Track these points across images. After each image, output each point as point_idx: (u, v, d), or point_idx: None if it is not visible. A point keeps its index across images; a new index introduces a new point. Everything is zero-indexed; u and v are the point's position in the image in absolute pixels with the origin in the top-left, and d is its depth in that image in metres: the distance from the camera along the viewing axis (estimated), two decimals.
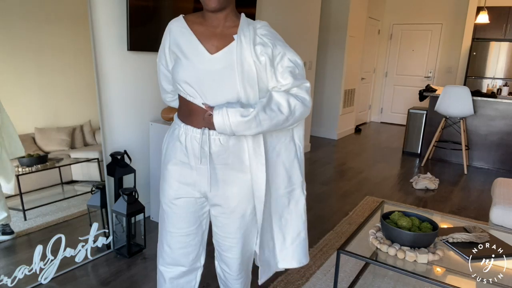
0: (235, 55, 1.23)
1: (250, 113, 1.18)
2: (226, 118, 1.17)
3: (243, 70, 1.22)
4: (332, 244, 2.66)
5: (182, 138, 1.32)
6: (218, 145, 1.29)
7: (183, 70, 1.26)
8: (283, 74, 1.26)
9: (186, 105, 1.31)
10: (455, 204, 3.61)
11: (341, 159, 5.03)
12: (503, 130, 4.73)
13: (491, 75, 6.52)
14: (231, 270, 1.48)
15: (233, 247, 1.43)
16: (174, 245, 1.44)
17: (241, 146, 1.31)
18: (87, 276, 2.18)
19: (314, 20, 4.95)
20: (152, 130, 2.77)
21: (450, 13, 6.97)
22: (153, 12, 2.65)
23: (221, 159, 1.31)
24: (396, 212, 1.82)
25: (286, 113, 1.24)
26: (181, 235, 1.42)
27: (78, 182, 2.33)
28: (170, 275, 1.48)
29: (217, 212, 1.39)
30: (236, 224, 1.39)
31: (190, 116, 1.30)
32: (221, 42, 1.25)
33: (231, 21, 1.28)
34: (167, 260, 1.47)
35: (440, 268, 1.64)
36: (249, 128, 1.20)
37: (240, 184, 1.34)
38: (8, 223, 2.01)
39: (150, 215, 2.92)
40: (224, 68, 1.23)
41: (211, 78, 1.23)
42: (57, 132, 2.20)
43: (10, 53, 1.95)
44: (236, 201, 1.35)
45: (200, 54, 1.25)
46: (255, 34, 1.26)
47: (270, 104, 1.22)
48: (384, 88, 7.88)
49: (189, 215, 1.40)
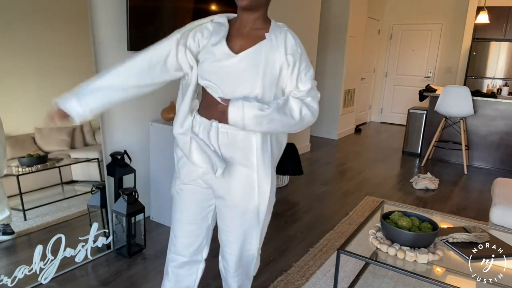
0: (263, 54, 1.27)
1: (265, 110, 1.24)
2: (241, 110, 1.23)
3: (267, 71, 1.28)
4: (332, 244, 2.66)
5: (196, 129, 1.36)
6: (226, 139, 1.33)
7: (207, 66, 1.30)
8: (305, 81, 1.33)
9: (205, 97, 1.37)
10: (455, 204, 3.61)
11: (341, 159, 5.03)
12: (503, 130, 4.73)
13: (491, 75, 6.52)
14: (229, 265, 1.53)
15: (232, 242, 1.48)
16: (178, 233, 1.50)
17: (250, 143, 1.34)
18: (87, 276, 2.18)
19: (314, 20, 4.95)
20: (152, 130, 2.77)
21: (450, 13, 6.98)
22: (153, 12, 2.65)
23: (228, 153, 1.35)
24: (396, 212, 1.82)
25: (296, 120, 1.32)
26: (186, 222, 1.48)
27: (78, 182, 2.33)
28: (172, 264, 1.55)
29: (221, 205, 1.44)
30: (237, 220, 1.43)
31: (206, 107, 1.36)
32: (246, 42, 1.30)
33: (260, 24, 1.33)
34: (172, 248, 1.54)
35: (440, 268, 1.63)
36: (260, 124, 1.26)
37: (244, 180, 1.38)
38: (9, 223, 2.01)
39: (150, 215, 2.92)
40: (246, 67, 1.27)
41: (232, 76, 1.28)
42: (57, 132, 2.20)
43: (10, 53, 1.95)
44: (239, 195, 1.39)
45: (224, 52, 1.28)
46: (286, 37, 1.32)
47: (284, 107, 1.29)
48: (384, 88, 7.88)
49: (195, 203, 1.46)
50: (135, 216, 2.41)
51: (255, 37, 1.31)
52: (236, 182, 1.38)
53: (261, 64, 1.27)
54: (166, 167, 2.71)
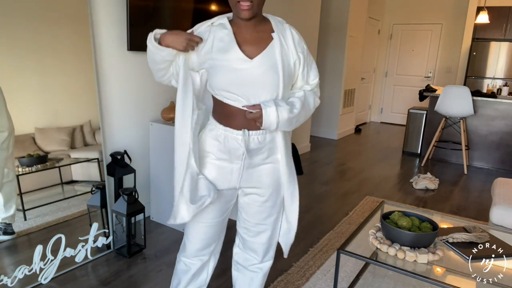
0: (277, 55, 1.29)
1: (294, 111, 1.31)
2: (275, 115, 1.26)
3: (285, 70, 1.31)
4: (332, 244, 2.66)
5: (221, 138, 1.38)
6: (257, 143, 1.37)
7: (224, 76, 1.29)
8: (313, 75, 1.40)
9: (224, 108, 1.35)
10: (455, 204, 3.61)
11: (341, 159, 5.03)
12: (503, 130, 4.73)
13: (491, 75, 6.52)
14: (258, 255, 1.58)
15: (261, 232, 1.53)
16: (197, 235, 1.50)
17: (275, 141, 1.41)
18: (87, 276, 2.18)
19: (314, 20, 4.95)
20: (152, 130, 2.77)
21: (450, 13, 6.97)
22: (153, 12, 2.65)
23: (258, 155, 1.40)
24: (396, 212, 1.82)
25: (312, 111, 1.42)
26: (209, 225, 1.48)
27: (78, 182, 2.33)
28: (193, 267, 1.55)
29: (251, 200, 1.49)
30: (267, 212, 1.50)
31: (229, 118, 1.36)
32: (256, 47, 1.30)
33: (260, 25, 1.33)
34: (185, 250, 1.54)
35: (440, 268, 1.63)
36: (290, 124, 1.33)
37: (272, 176, 1.45)
38: (11, 223, 2.01)
39: (150, 215, 2.92)
40: (266, 71, 1.28)
41: (252, 83, 1.28)
42: (57, 132, 2.20)
43: (11, 53, 1.96)
44: (269, 191, 1.46)
45: (240, 60, 1.28)
46: (292, 34, 1.34)
47: (305, 103, 1.36)
48: (384, 88, 7.88)
49: (220, 205, 1.47)
50: (135, 216, 2.41)
51: (262, 39, 1.31)
52: (266, 180, 1.44)
53: (279, 65, 1.29)
54: (166, 167, 2.71)
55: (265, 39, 1.31)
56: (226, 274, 2.21)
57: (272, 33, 1.32)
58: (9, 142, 1.95)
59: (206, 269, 1.61)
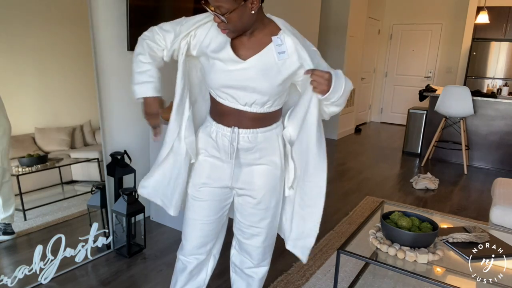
0: (274, 57, 1.28)
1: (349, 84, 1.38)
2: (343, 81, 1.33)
3: (281, 73, 1.29)
4: (332, 244, 2.66)
5: (213, 135, 1.40)
6: (247, 142, 1.37)
7: (218, 76, 1.30)
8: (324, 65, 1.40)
9: (217, 106, 1.37)
10: (455, 204, 3.61)
11: (341, 159, 5.03)
12: (503, 130, 4.73)
13: (491, 75, 6.52)
14: (252, 258, 1.56)
15: (255, 235, 1.50)
16: (193, 233, 1.51)
17: (271, 142, 1.40)
18: (87, 276, 2.18)
19: (314, 20, 4.95)
20: (152, 130, 2.76)
21: (450, 13, 6.97)
22: (153, 12, 2.65)
23: (249, 154, 1.39)
24: (396, 212, 1.82)
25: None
26: (204, 223, 1.48)
27: (78, 182, 2.33)
28: (189, 266, 1.55)
29: (244, 201, 1.47)
30: (261, 215, 1.46)
31: (221, 116, 1.37)
32: (252, 49, 1.29)
33: (259, 29, 1.31)
34: (183, 249, 1.55)
35: (440, 268, 1.64)
36: (346, 97, 1.40)
37: (266, 178, 1.42)
38: (10, 223, 2.01)
39: (150, 215, 2.91)
40: (258, 73, 1.27)
41: (244, 84, 1.28)
42: (57, 132, 2.20)
43: (11, 53, 1.95)
44: (261, 193, 1.43)
45: (231, 60, 1.28)
46: (293, 33, 1.35)
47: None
48: (384, 88, 7.88)
49: (214, 203, 1.47)
50: (135, 216, 2.41)
51: (262, 42, 1.29)
52: (259, 181, 1.42)
53: (274, 67, 1.28)
54: None
55: (264, 42, 1.30)
56: (225, 275, 2.21)
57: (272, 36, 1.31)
58: (6, 140, 1.95)
59: (205, 269, 1.61)
